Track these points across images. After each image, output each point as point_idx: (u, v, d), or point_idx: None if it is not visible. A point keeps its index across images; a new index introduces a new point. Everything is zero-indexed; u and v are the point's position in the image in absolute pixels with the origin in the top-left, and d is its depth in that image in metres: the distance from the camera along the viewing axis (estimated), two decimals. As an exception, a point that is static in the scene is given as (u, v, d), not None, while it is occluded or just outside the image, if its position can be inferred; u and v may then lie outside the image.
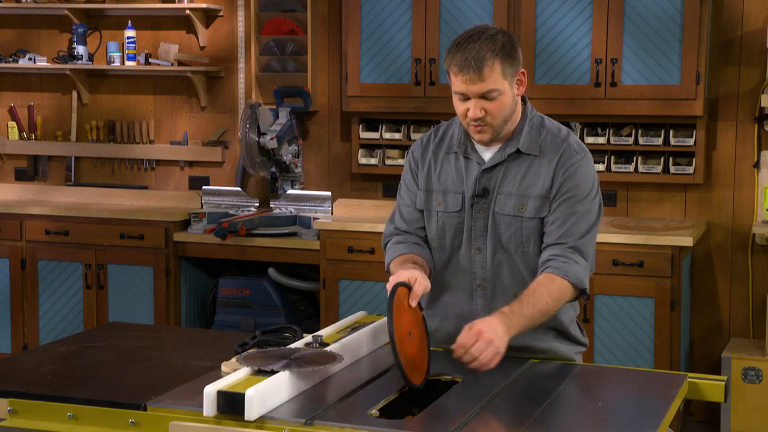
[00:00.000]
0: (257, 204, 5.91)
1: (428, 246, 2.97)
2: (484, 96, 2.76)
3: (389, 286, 2.63)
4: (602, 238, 4.69)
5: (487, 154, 2.89)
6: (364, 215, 5.63)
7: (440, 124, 3.04)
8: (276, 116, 5.68)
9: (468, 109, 2.78)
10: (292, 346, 2.66)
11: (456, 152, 2.92)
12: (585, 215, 2.84)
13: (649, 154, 5.26)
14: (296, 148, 5.72)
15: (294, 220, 5.65)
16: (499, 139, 2.86)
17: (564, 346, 2.92)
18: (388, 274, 2.88)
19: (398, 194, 3.05)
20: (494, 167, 2.87)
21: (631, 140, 5.21)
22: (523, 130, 2.87)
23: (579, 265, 2.79)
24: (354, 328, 2.91)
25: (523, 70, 2.84)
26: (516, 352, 2.79)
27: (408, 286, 2.66)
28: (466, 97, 2.78)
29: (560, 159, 2.84)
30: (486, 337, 2.59)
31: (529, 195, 2.84)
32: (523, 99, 2.91)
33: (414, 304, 2.63)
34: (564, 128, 2.93)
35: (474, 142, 2.89)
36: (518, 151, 2.86)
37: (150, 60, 6.02)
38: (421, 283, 2.67)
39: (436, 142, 2.97)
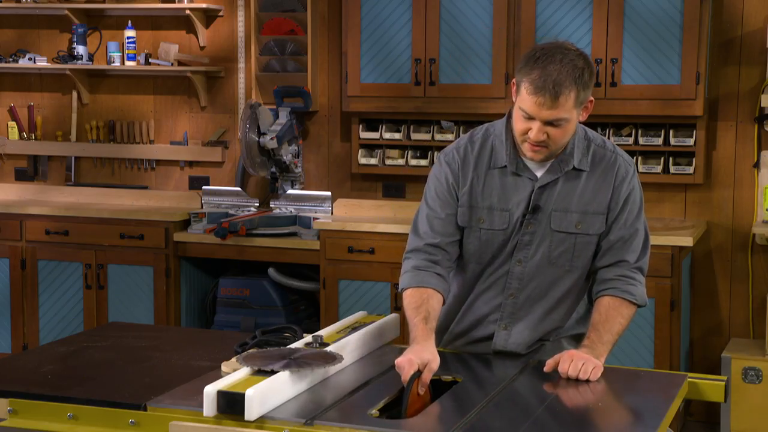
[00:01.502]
0: (257, 204, 5.91)
1: (451, 263, 2.88)
2: (550, 122, 2.68)
3: (405, 375, 2.52)
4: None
5: (539, 171, 2.82)
6: (364, 215, 5.63)
7: (473, 132, 2.91)
8: (276, 116, 5.68)
9: (530, 129, 2.69)
10: (292, 346, 2.66)
11: (504, 167, 2.82)
12: (641, 230, 2.86)
13: (649, 154, 5.25)
14: (296, 148, 5.72)
15: (294, 220, 5.65)
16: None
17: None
18: (401, 293, 2.83)
19: (426, 204, 2.90)
20: (547, 183, 2.81)
21: (631, 140, 5.20)
22: (574, 146, 2.82)
23: (641, 284, 2.84)
24: (354, 328, 2.91)
25: (592, 98, 2.76)
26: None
27: (420, 374, 2.56)
28: (530, 117, 2.68)
29: (617, 174, 2.83)
30: (580, 357, 2.66)
31: (588, 212, 2.82)
32: None
33: (422, 392, 2.55)
34: (606, 139, 2.91)
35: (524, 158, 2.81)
36: (572, 168, 2.82)
37: (150, 60, 6.02)
38: (431, 369, 2.57)
39: (476, 155, 2.86)
